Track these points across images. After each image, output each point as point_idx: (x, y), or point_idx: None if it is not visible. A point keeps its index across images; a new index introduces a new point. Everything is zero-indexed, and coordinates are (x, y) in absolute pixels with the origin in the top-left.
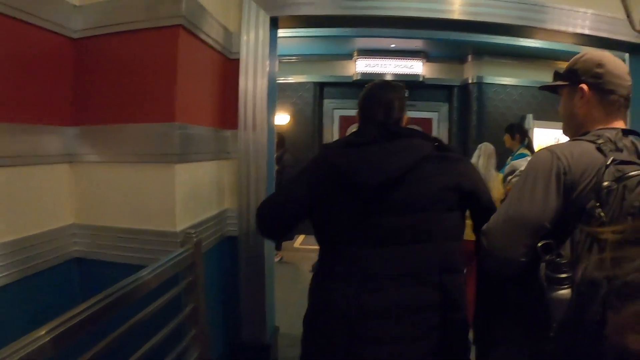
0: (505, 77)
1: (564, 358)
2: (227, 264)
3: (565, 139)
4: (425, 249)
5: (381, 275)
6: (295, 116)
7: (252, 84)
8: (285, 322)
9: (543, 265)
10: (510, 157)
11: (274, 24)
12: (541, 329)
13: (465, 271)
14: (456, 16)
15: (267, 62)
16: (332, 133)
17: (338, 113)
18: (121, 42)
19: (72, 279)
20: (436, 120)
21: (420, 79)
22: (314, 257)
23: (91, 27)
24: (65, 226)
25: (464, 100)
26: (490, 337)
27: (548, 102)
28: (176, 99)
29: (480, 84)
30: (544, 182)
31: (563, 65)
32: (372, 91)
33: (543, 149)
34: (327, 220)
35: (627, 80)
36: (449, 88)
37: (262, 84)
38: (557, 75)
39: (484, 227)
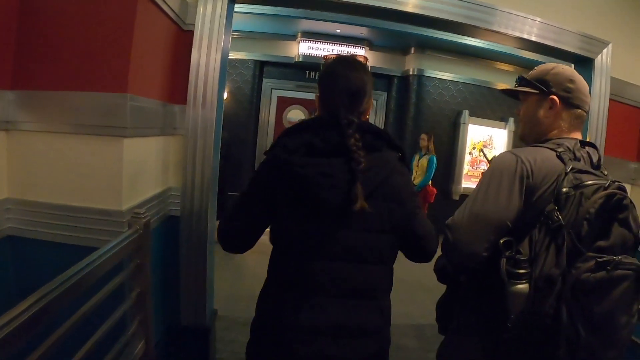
0: (445, 72)
1: (519, 346)
2: (168, 245)
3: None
4: (375, 270)
5: (327, 291)
6: (234, 93)
7: (204, 58)
8: (220, 303)
9: (504, 260)
10: (423, 155)
11: None
12: (498, 320)
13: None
14: (409, 9)
15: (223, 37)
16: (269, 113)
17: (276, 93)
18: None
19: (4, 259)
20: (373, 108)
21: None
22: None
23: None
24: None
25: (403, 90)
26: (449, 326)
27: (484, 100)
28: (130, 68)
29: (420, 77)
30: (508, 184)
31: (501, 66)
32: (336, 70)
33: (507, 152)
34: (282, 226)
35: (589, 98)
36: (389, 78)
37: (216, 59)
38: (523, 81)
39: (449, 220)
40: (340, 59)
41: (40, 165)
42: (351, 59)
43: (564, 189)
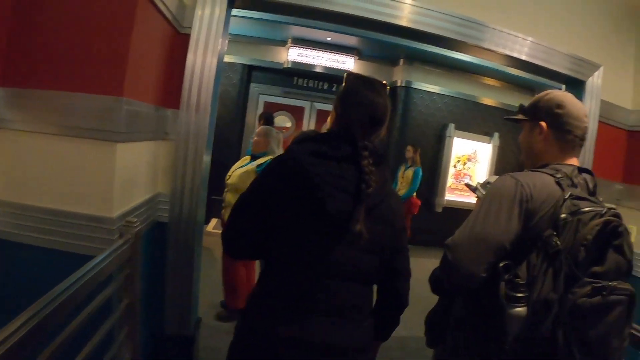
0: (432, 85)
1: None
2: (154, 252)
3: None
4: (362, 290)
5: (318, 308)
6: (220, 96)
7: (200, 61)
8: (202, 310)
9: (502, 283)
10: (409, 167)
11: (231, 1)
12: (495, 342)
13: None
14: (402, 22)
15: (220, 41)
16: (256, 118)
17: (263, 98)
18: None
19: None
20: None
21: None
22: None
23: None
24: None
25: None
26: (442, 344)
27: (469, 114)
28: (127, 71)
29: (408, 88)
30: (508, 207)
31: (488, 81)
32: (361, 92)
33: (507, 175)
34: (278, 236)
35: (584, 122)
36: None
37: (212, 63)
38: (521, 109)
39: (449, 240)
40: (365, 80)
41: (29, 166)
42: (376, 82)
43: (562, 215)
